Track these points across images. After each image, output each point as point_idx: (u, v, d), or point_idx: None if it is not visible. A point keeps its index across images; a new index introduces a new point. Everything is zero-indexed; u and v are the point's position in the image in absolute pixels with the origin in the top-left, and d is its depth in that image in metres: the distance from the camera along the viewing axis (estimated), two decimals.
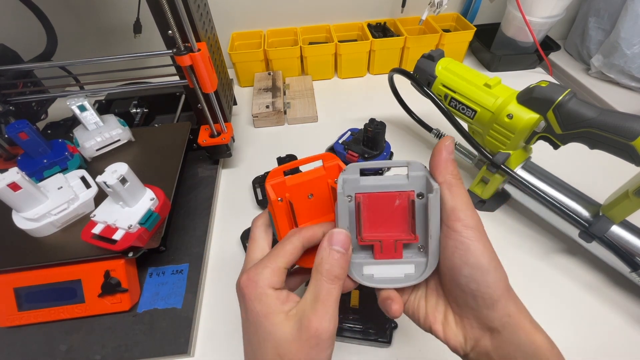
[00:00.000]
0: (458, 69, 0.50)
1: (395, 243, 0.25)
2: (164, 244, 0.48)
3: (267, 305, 0.23)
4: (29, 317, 0.41)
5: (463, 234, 0.22)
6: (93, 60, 0.45)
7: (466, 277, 0.22)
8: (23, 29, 0.67)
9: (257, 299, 0.23)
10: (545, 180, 0.45)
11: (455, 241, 0.22)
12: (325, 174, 0.28)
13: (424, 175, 0.24)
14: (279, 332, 0.22)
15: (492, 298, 0.22)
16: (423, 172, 0.24)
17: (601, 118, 0.37)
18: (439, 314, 0.25)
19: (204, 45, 0.45)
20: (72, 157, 0.48)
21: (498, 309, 0.22)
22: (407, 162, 0.25)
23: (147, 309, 0.42)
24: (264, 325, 0.23)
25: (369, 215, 0.25)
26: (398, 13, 0.82)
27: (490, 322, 0.22)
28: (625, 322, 0.41)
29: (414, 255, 0.26)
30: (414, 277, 0.25)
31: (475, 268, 0.22)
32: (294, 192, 0.28)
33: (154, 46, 0.48)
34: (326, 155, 0.29)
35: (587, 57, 0.79)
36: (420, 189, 0.24)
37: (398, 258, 0.25)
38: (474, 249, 0.22)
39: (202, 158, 0.61)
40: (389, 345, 0.39)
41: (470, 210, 0.23)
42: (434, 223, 0.24)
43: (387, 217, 0.25)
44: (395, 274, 0.25)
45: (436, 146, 0.24)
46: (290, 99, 0.73)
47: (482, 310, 0.22)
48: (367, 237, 0.25)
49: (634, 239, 0.39)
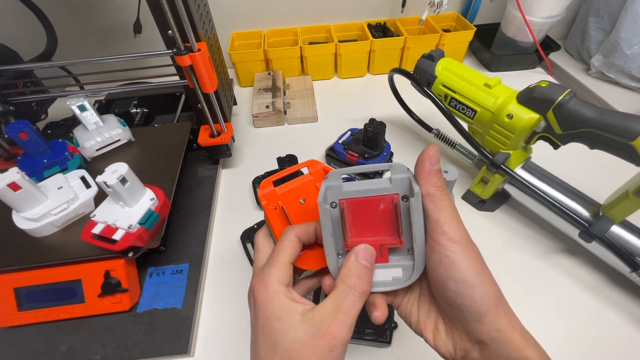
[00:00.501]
0: (458, 69, 0.50)
1: (380, 247, 0.25)
2: (164, 244, 0.48)
3: (280, 306, 0.23)
4: (29, 317, 0.41)
5: (447, 248, 0.22)
6: (93, 60, 0.45)
7: (452, 291, 0.22)
8: (23, 29, 0.67)
9: (269, 301, 0.23)
10: (545, 180, 0.45)
11: (440, 254, 0.22)
12: (313, 179, 0.30)
13: (407, 177, 0.24)
14: (292, 334, 0.22)
15: (478, 312, 0.22)
16: (406, 175, 0.24)
17: (601, 118, 0.37)
18: (430, 322, 0.25)
19: (204, 45, 0.45)
20: (72, 157, 0.48)
21: (486, 323, 0.22)
22: (389, 165, 0.24)
23: (147, 309, 0.42)
24: (276, 327, 0.22)
25: (354, 220, 0.25)
26: (398, 13, 0.82)
27: (479, 335, 0.22)
28: (625, 322, 0.41)
29: (402, 258, 0.25)
30: (402, 280, 0.25)
31: (460, 282, 0.22)
32: (285, 199, 0.30)
33: (154, 46, 0.48)
34: (310, 162, 0.31)
35: (587, 57, 0.79)
36: (404, 192, 0.24)
37: (384, 262, 0.25)
38: (459, 263, 0.22)
39: (202, 158, 0.61)
40: (388, 345, 0.39)
41: (455, 223, 0.22)
42: (418, 226, 0.23)
43: (372, 222, 0.25)
44: (383, 277, 0.25)
45: (420, 155, 0.24)
46: (290, 99, 0.73)
47: (470, 323, 0.22)
48: (353, 243, 0.25)
49: (634, 239, 0.39)
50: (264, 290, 0.23)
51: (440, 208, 0.22)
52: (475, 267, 0.22)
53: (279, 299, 0.23)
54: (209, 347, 0.41)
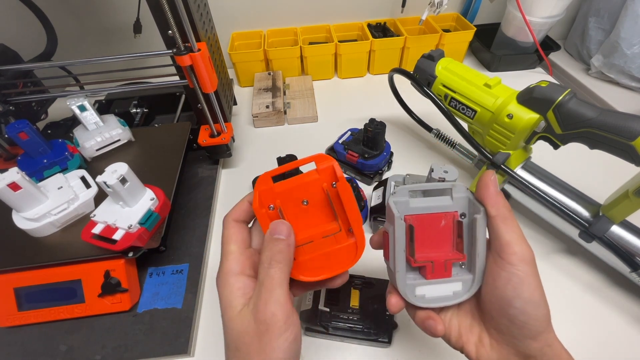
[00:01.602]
0: (458, 69, 0.50)
1: (445, 263, 0.26)
2: (164, 244, 0.48)
3: (226, 298, 0.24)
4: (29, 317, 0.41)
5: (519, 268, 0.22)
6: (93, 60, 0.45)
7: (517, 309, 0.22)
8: (23, 29, 0.67)
9: (221, 293, 0.25)
10: (545, 180, 0.45)
11: (509, 273, 0.23)
12: (318, 177, 0.26)
13: (467, 196, 0.26)
14: (234, 325, 0.23)
15: (537, 330, 0.22)
16: (465, 194, 0.26)
17: (601, 118, 0.37)
18: (473, 336, 0.25)
19: (204, 45, 0.45)
20: (72, 157, 0.48)
21: (540, 340, 0.23)
22: (452, 184, 0.26)
23: (147, 309, 0.42)
24: (225, 319, 0.24)
25: (418, 236, 0.26)
26: (398, 13, 0.82)
27: (530, 350, 0.23)
28: (625, 322, 0.41)
29: (459, 273, 0.26)
30: (461, 293, 0.26)
31: (528, 302, 0.22)
32: (285, 198, 0.26)
33: (154, 46, 0.48)
34: (318, 156, 0.27)
35: (587, 57, 0.79)
36: (462, 209, 0.26)
37: (448, 277, 0.26)
38: (529, 284, 0.22)
39: (202, 158, 0.61)
40: (389, 345, 0.39)
41: (526, 245, 0.23)
42: (481, 242, 0.25)
43: (433, 237, 0.26)
44: (444, 292, 0.26)
45: (482, 179, 0.25)
46: (290, 99, 0.73)
47: (525, 339, 0.23)
48: (420, 258, 0.26)
49: (634, 239, 0.39)
50: (218, 282, 0.25)
51: (511, 229, 0.23)
52: (541, 288, 0.23)
53: (226, 290, 0.24)
54: (209, 347, 0.41)
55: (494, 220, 0.24)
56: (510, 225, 0.23)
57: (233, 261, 0.25)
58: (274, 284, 0.23)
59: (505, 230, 0.23)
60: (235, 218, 0.27)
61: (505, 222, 0.23)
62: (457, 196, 0.26)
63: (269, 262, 0.24)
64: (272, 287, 0.23)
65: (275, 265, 0.24)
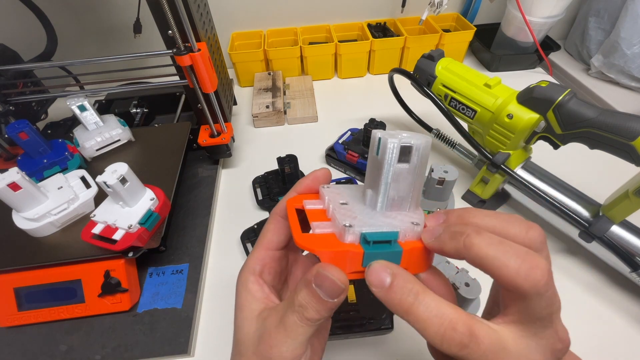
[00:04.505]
0: (458, 69, 0.50)
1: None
2: (164, 244, 0.48)
3: (243, 297, 0.23)
4: (29, 317, 0.41)
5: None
6: (93, 60, 0.45)
7: None
8: (23, 29, 0.66)
9: (238, 290, 0.23)
10: (545, 180, 0.45)
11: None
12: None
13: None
14: (245, 327, 0.22)
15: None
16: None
17: (601, 118, 0.37)
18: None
19: (204, 45, 0.45)
20: (72, 157, 0.48)
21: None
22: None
23: (147, 309, 0.42)
24: (237, 317, 0.22)
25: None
26: (398, 13, 0.82)
27: None
28: (625, 322, 0.41)
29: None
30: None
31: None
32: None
33: (154, 46, 0.48)
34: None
35: (587, 57, 0.79)
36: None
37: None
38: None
39: (202, 158, 0.61)
40: (392, 329, 0.39)
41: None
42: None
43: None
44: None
45: None
46: (290, 99, 0.73)
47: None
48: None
49: (634, 239, 0.39)
50: (238, 278, 0.24)
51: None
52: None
53: (243, 288, 0.23)
54: (209, 347, 0.41)
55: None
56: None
57: (258, 260, 0.23)
58: (298, 335, 0.19)
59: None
60: (280, 213, 0.24)
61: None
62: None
63: (300, 315, 0.19)
64: (295, 336, 0.20)
65: (307, 323, 0.19)
